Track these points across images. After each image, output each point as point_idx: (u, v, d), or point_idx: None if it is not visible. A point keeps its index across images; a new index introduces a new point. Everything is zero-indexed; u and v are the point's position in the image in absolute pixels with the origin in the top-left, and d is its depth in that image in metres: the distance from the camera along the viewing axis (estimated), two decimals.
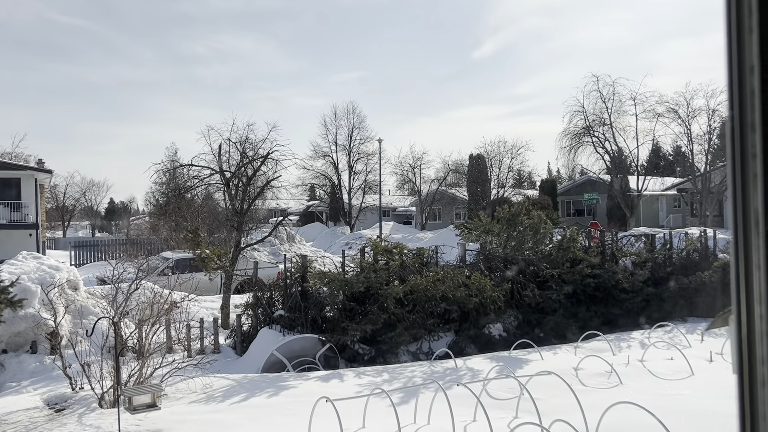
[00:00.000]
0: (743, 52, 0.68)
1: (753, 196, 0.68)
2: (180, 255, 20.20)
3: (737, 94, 0.69)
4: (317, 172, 51.54)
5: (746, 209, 0.69)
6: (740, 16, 0.67)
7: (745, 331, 0.69)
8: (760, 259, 0.67)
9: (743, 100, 0.69)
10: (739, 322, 0.70)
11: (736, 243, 0.71)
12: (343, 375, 10.43)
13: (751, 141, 0.68)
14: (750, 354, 0.69)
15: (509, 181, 47.86)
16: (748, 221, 0.69)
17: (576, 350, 11.72)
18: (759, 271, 0.68)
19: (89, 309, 12.62)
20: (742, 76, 0.69)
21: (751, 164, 0.68)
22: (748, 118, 0.68)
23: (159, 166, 19.03)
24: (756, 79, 0.67)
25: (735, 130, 0.70)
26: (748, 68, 0.68)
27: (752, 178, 0.68)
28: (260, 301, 13.44)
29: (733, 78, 0.70)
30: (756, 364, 0.69)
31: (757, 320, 0.68)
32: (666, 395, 8.68)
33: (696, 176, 39.87)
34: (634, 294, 15.07)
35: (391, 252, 14.18)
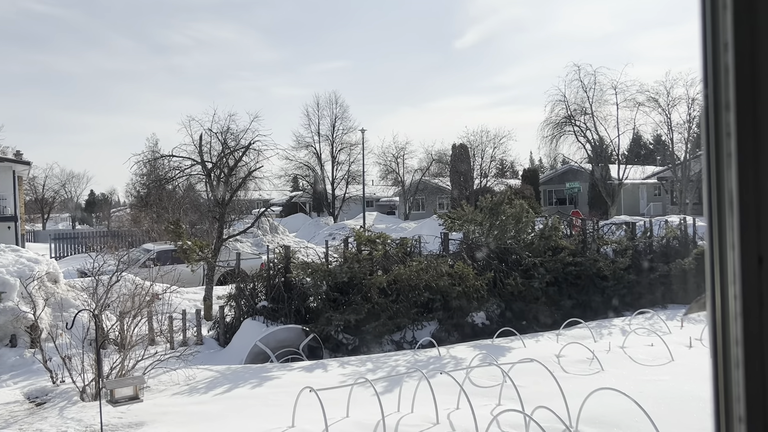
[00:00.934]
0: (717, 29, 0.67)
1: (727, 175, 0.68)
2: (162, 246, 20.04)
3: (711, 72, 0.68)
4: (300, 163, 51.33)
5: (720, 189, 0.69)
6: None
7: (719, 311, 0.69)
8: (734, 238, 0.67)
9: (717, 78, 0.68)
10: (713, 302, 0.70)
11: (710, 223, 0.71)
12: (326, 365, 10.43)
13: (725, 120, 0.67)
14: (724, 334, 0.69)
15: (492, 170, 48.04)
16: (722, 201, 0.68)
17: (558, 338, 11.81)
18: (733, 251, 0.67)
19: (70, 302, 12.48)
20: (716, 53, 0.68)
21: (725, 143, 0.67)
22: (722, 97, 0.68)
23: (139, 157, 18.80)
24: (730, 57, 0.66)
25: (709, 108, 0.69)
26: (722, 45, 0.67)
27: (726, 158, 0.67)
28: (243, 292, 13.38)
29: (707, 56, 0.69)
30: (730, 344, 0.68)
31: (731, 300, 0.68)
32: (646, 381, 8.79)
33: (676, 165, 40.27)
34: (615, 282, 15.22)
35: (375, 242, 14.17)
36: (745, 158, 0.65)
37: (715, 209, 0.69)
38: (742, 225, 0.66)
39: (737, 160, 0.66)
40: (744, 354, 0.66)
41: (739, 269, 0.67)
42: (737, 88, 0.65)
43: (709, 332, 0.70)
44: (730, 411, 0.68)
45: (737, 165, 0.66)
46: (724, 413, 0.69)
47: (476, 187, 44.56)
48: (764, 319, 0.66)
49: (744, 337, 0.66)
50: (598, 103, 40.48)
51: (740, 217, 0.66)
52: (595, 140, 41.00)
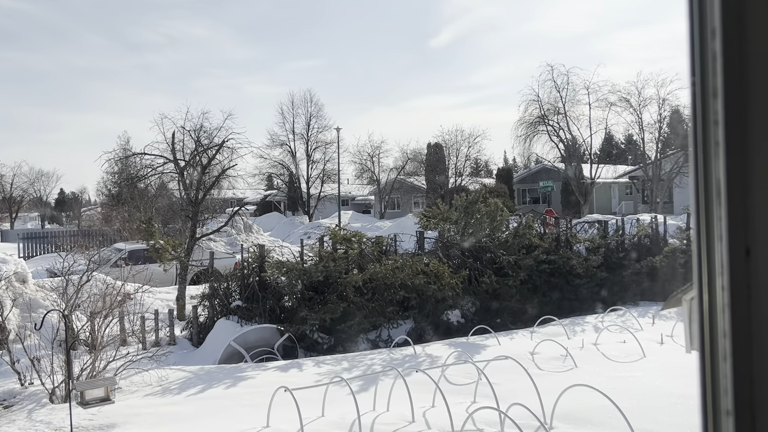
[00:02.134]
0: (705, 15, 0.66)
1: (715, 164, 0.67)
2: (133, 246, 19.74)
3: (699, 59, 0.67)
4: (275, 161, 50.95)
5: (708, 178, 0.67)
6: None
7: (707, 303, 0.68)
8: (722, 229, 0.66)
9: (704, 66, 0.67)
10: (701, 294, 0.69)
11: (698, 214, 0.69)
12: (302, 364, 10.37)
13: (713, 107, 0.66)
14: (711, 327, 0.68)
15: (467, 169, 48.24)
16: (709, 191, 0.67)
17: (532, 335, 11.91)
18: (721, 242, 0.66)
19: (39, 302, 12.23)
20: (704, 40, 0.67)
21: (713, 131, 0.66)
22: (709, 84, 0.67)
23: (110, 155, 18.51)
24: (718, 43, 0.65)
25: (696, 96, 0.68)
26: (709, 32, 0.66)
27: (714, 146, 0.66)
28: (217, 292, 13.24)
29: (694, 42, 0.68)
30: (717, 336, 0.67)
31: (719, 291, 0.67)
32: (619, 377, 8.90)
33: (647, 164, 40.86)
34: (588, 279, 15.39)
35: (350, 241, 14.13)
36: (732, 147, 0.64)
37: (702, 200, 0.68)
38: (730, 216, 0.65)
39: (725, 149, 0.65)
40: (732, 346, 0.65)
41: (727, 260, 0.66)
42: (725, 75, 0.64)
43: (697, 324, 0.69)
44: (717, 404, 0.67)
45: (725, 154, 0.65)
46: (711, 406, 0.68)
47: (451, 186, 44.72)
48: (752, 311, 0.65)
49: (732, 329, 0.65)
50: (571, 103, 40.89)
51: (728, 208, 0.65)
52: (568, 140, 41.42)
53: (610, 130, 45.00)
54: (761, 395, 0.63)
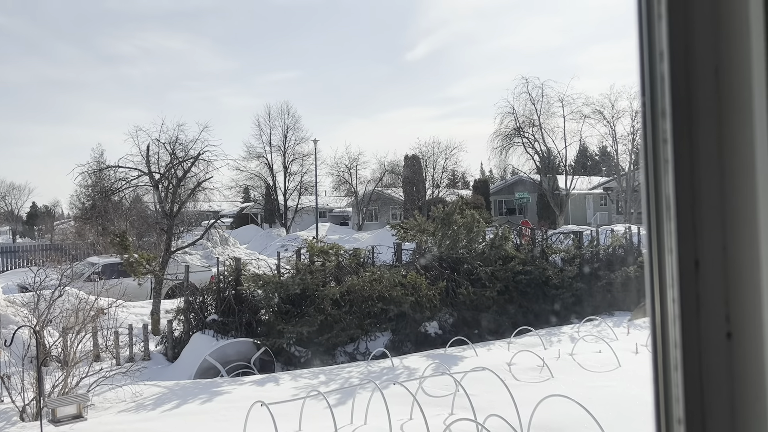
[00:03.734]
0: (653, 38, 0.69)
1: (664, 181, 0.69)
2: (107, 260, 19.49)
3: (648, 80, 0.70)
4: (251, 174, 50.76)
5: (658, 194, 0.70)
6: (650, 3, 0.68)
7: (659, 315, 0.70)
8: (672, 243, 0.69)
9: (654, 87, 0.70)
10: (653, 306, 0.71)
11: (649, 228, 0.72)
12: (279, 378, 10.30)
13: (662, 127, 0.69)
14: (663, 337, 0.70)
15: (444, 181, 48.53)
16: (660, 206, 0.70)
17: (509, 346, 11.96)
18: (671, 255, 0.69)
19: (9, 318, 12.00)
20: (653, 62, 0.70)
21: (662, 150, 0.69)
22: (659, 105, 0.69)
23: (84, 168, 18.28)
24: (665, 65, 0.68)
25: (646, 116, 0.71)
26: (658, 54, 0.69)
27: (663, 164, 0.69)
28: (192, 306, 13.11)
29: (644, 64, 0.71)
30: (669, 347, 0.70)
31: (670, 303, 0.69)
32: (595, 387, 8.97)
33: (621, 175, 41.51)
34: (564, 290, 15.52)
35: (328, 253, 14.11)
36: (681, 164, 0.67)
37: (653, 214, 0.71)
38: (680, 229, 0.67)
39: (674, 166, 0.68)
40: (683, 356, 0.68)
41: (677, 273, 0.68)
42: (672, 96, 0.67)
43: (650, 335, 0.72)
44: (669, 413, 0.70)
45: (674, 171, 0.68)
46: (664, 415, 0.70)
47: (428, 198, 44.93)
48: (701, 322, 0.68)
49: (682, 340, 0.67)
50: (546, 116, 41.45)
51: (677, 222, 0.68)
52: (543, 151, 41.92)
53: (585, 142, 45.71)
54: (711, 404, 0.66)
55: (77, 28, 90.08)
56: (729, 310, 0.67)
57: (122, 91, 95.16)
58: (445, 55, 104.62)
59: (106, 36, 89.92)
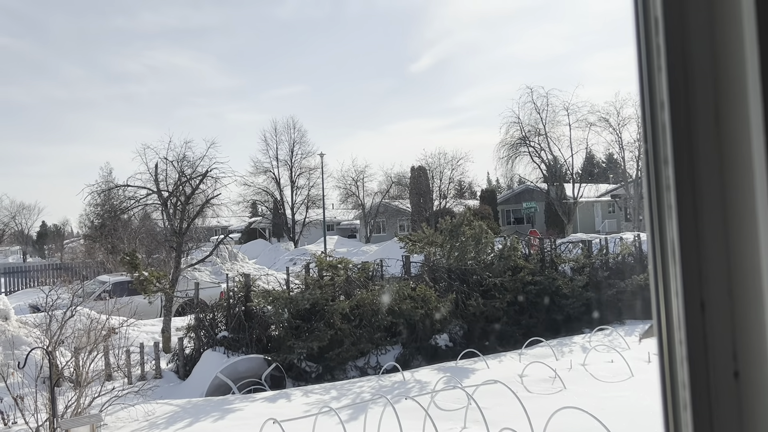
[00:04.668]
0: (654, 89, 0.72)
1: (669, 226, 0.71)
2: (117, 278, 19.58)
3: (650, 129, 0.73)
4: (259, 188, 50.94)
5: (663, 239, 0.72)
6: (650, 56, 0.71)
7: (666, 356, 0.72)
8: (677, 286, 0.71)
9: (656, 135, 0.72)
10: (661, 347, 0.73)
11: (655, 271, 0.74)
12: (290, 394, 10.29)
13: (664, 174, 0.71)
14: (672, 378, 0.72)
15: (450, 191, 48.53)
16: (665, 250, 0.72)
17: (520, 357, 11.92)
18: (677, 298, 0.71)
19: (21, 339, 12.06)
20: (654, 112, 0.72)
21: (666, 196, 0.71)
22: (661, 152, 0.72)
23: (93, 188, 18.42)
24: (666, 115, 0.70)
25: (649, 163, 0.73)
26: (659, 104, 0.71)
27: (667, 209, 0.71)
28: (202, 323, 13.14)
29: (646, 114, 0.73)
30: (678, 387, 0.72)
31: (677, 345, 0.71)
32: (608, 397, 8.92)
33: (628, 182, 41.42)
34: (574, 299, 15.46)
35: (336, 267, 14.13)
36: (684, 210, 0.69)
37: (659, 258, 0.73)
38: (685, 273, 0.70)
39: (677, 212, 0.70)
40: (691, 397, 0.69)
41: (683, 315, 0.70)
42: (674, 144, 0.70)
43: (659, 376, 0.73)
44: None
45: (677, 216, 0.70)
46: None
47: (436, 209, 44.93)
48: (709, 362, 0.70)
49: (691, 381, 0.69)
50: (551, 124, 41.48)
51: (682, 265, 0.70)
52: (550, 160, 41.91)
53: (591, 150, 45.68)
54: None
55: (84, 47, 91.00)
56: (736, 350, 0.69)
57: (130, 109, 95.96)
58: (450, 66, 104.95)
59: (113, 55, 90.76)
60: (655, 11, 0.69)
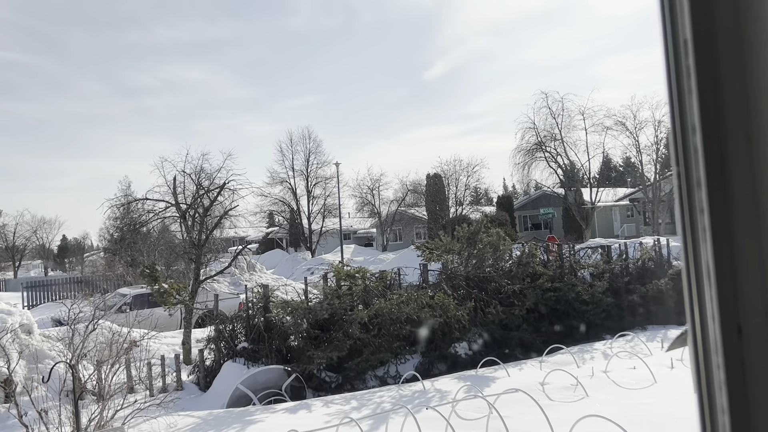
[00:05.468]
0: (684, 112, 0.71)
1: (703, 249, 0.71)
2: (137, 291, 19.74)
3: (682, 152, 0.72)
4: (275, 199, 51.19)
5: (698, 262, 0.72)
6: (680, 79, 0.71)
7: (704, 381, 0.71)
8: (713, 309, 0.70)
9: (688, 158, 0.72)
10: (698, 371, 0.72)
11: (690, 295, 0.73)
12: (310, 405, 10.29)
13: (698, 197, 0.71)
14: (710, 403, 0.71)
15: (467, 198, 48.39)
16: (700, 274, 0.71)
17: (541, 365, 11.82)
18: (714, 322, 0.70)
19: (45, 353, 12.19)
20: (685, 135, 0.72)
21: (700, 219, 0.71)
22: (693, 175, 0.71)
23: (112, 202, 18.63)
24: (698, 138, 0.70)
25: (682, 187, 0.72)
26: (690, 128, 0.71)
27: (701, 232, 0.71)
28: (222, 334, 13.20)
29: (677, 137, 0.73)
30: (716, 413, 0.71)
31: (715, 370, 0.71)
32: (631, 405, 8.82)
33: (646, 186, 41.04)
34: (594, 305, 15.33)
35: (354, 276, 14.13)
36: (719, 232, 0.69)
37: (693, 282, 0.72)
38: (720, 296, 0.69)
39: (711, 235, 0.69)
40: (731, 422, 0.68)
41: (720, 339, 0.69)
42: (707, 167, 0.69)
43: (697, 401, 0.73)
44: None
45: (712, 239, 0.69)
46: None
47: (452, 216, 44.83)
48: (748, 387, 0.69)
49: (730, 406, 0.68)
50: (567, 129, 41.26)
51: (718, 289, 0.69)
52: (566, 165, 41.67)
53: (608, 154, 45.36)
54: None
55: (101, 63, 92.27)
56: None
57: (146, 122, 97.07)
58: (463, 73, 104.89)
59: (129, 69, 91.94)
60: (684, 33, 0.69)
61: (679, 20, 0.69)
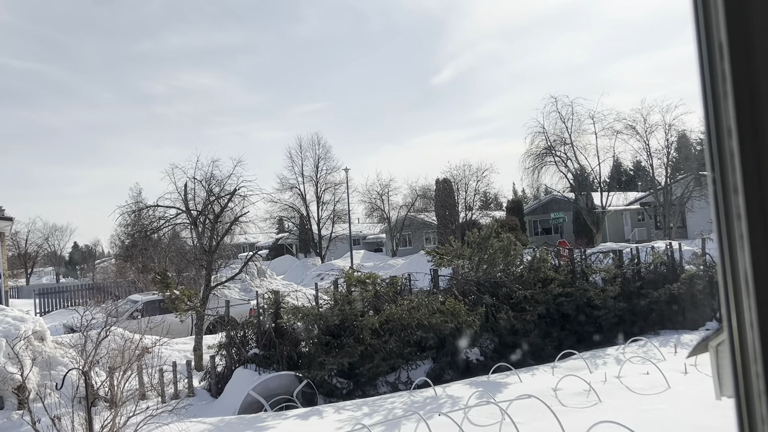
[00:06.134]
0: (720, 115, 0.70)
1: (741, 257, 0.69)
2: (149, 297, 19.81)
3: (717, 156, 0.71)
4: (285, 205, 51.32)
5: (735, 270, 0.70)
6: (714, 82, 0.69)
7: (743, 390, 0.70)
8: (752, 319, 0.68)
9: (723, 163, 0.70)
10: (736, 380, 0.71)
11: (727, 305, 0.72)
12: (322, 411, 10.28)
13: (734, 203, 0.69)
14: (750, 413, 0.69)
15: (476, 203, 48.29)
16: (737, 282, 0.70)
17: (553, 370, 11.76)
18: (752, 330, 0.69)
19: (57, 359, 12.25)
20: (721, 139, 0.70)
21: (737, 225, 0.69)
22: (729, 181, 0.70)
23: (123, 208, 18.72)
24: (734, 142, 0.68)
25: (717, 192, 0.71)
26: (726, 131, 0.69)
27: (739, 239, 0.69)
28: (233, 341, 13.21)
29: (712, 141, 0.71)
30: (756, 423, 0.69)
31: (754, 378, 0.69)
32: (645, 411, 8.74)
33: (657, 189, 40.80)
34: (606, 310, 15.23)
35: (365, 282, 14.12)
36: (757, 239, 0.67)
37: (731, 289, 0.71)
38: (759, 303, 0.67)
39: (749, 242, 0.68)
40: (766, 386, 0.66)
41: (760, 347, 0.68)
42: (744, 171, 0.68)
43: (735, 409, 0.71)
44: None
45: (750, 246, 0.68)
46: None
47: (462, 221, 44.74)
48: None
49: None
50: (577, 133, 41.12)
51: (757, 297, 0.68)
52: (576, 169, 41.52)
53: (618, 158, 45.12)
54: None
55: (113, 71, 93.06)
56: None
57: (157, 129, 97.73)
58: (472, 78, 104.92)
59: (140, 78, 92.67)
60: (719, 36, 0.67)
61: (714, 23, 0.68)
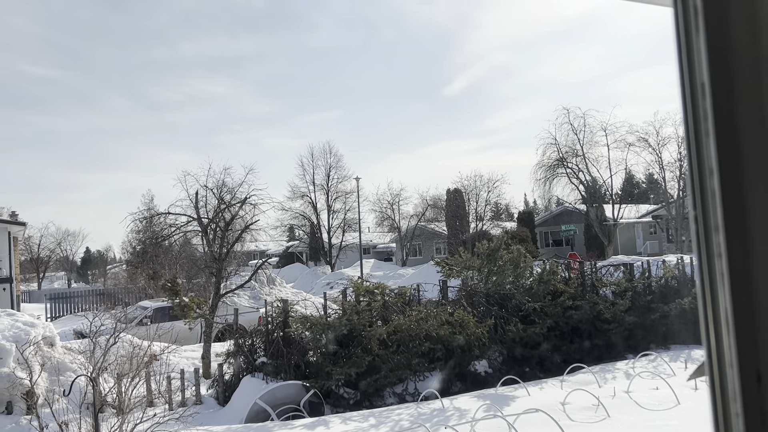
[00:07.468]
0: (702, 155, 0.71)
1: (721, 294, 0.70)
2: (158, 304, 19.90)
3: (699, 196, 0.71)
4: (296, 213, 51.45)
5: (716, 308, 0.71)
6: (696, 121, 0.70)
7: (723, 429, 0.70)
8: (732, 356, 0.69)
9: (705, 202, 0.71)
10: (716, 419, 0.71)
11: (708, 342, 0.72)
12: (329, 422, 10.25)
13: (715, 241, 0.70)
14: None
15: (487, 214, 48.17)
16: (718, 320, 0.70)
17: (562, 384, 11.67)
18: (732, 369, 0.69)
19: (66, 365, 12.32)
20: (703, 178, 0.71)
21: (718, 264, 0.70)
22: (711, 219, 0.70)
23: (135, 215, 18.85)
24: (716, 181, 0.69)
25: (699, 231, 0.71)
26: (707, 171, 0.70)
27: (719, 277, 0.70)
28: (242, 349, 13.23)
29: (694, 180, 0.72)
30: None
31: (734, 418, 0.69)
32: (654, 426, 8.66)
33: (669, 202, 40.55)
34: (617, 324, 15.11)
35: (373, 292, 14.11)
36: (737, 278, 0.68)
37: (711, 329, 0.71)
38: (739, 343, 0.68)
39: (730, 280, 0.68)
40: None
41: (739, 387, 0.68)
42: (725, 211, 0.68)
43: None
44: None
45: (730, 284, 0.68)
46: None
47: (472, 231, 44.64)
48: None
49: None
50: (589, 145, 41.00)
51: (736, 335, 0.68)
52: (588, 181, 41.36)
53: (630, 170, 44.98)
54: None
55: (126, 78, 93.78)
56: None
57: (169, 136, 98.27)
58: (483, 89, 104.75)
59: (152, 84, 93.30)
60: (701, 77, 0.68)
61: (696, 64, 0.68)
